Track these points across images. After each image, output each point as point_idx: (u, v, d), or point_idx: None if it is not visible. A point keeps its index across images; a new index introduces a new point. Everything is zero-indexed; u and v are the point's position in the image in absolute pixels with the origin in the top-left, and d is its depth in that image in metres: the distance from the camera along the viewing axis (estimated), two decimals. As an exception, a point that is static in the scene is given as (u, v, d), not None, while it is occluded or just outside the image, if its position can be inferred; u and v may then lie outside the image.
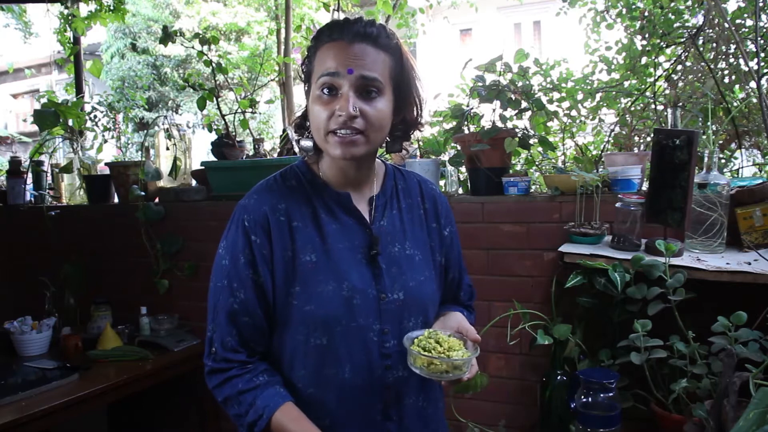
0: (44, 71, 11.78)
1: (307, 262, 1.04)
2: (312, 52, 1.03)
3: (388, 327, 1.06)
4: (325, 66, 0.98)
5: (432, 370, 0.98)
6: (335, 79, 0.97)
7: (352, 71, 0.97)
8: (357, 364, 1.03)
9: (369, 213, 1.11)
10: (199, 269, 2.53)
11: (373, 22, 1.02)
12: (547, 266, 1.90)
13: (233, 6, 9.45)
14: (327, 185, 1.10)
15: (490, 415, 1.96)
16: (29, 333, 2.25)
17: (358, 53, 0.98)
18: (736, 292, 1.40)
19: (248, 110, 2.68)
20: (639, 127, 2.49)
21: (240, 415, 1.02)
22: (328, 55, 0.99)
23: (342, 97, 0.97)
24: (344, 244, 1.06)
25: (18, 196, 2.96)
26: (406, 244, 1.12)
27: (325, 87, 0.98)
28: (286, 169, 1.14)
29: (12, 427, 1.67)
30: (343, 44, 0.98)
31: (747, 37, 2.26)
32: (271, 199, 1.07)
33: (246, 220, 1.06)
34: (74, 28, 3.43)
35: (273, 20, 4.83)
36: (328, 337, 1.02)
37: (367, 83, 0.98)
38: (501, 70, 2.12)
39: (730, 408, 1.18)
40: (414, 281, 1.10)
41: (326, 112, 0.98)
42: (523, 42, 10.60)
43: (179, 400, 2.61)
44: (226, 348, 1.04)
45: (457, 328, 1.09)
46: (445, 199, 1.24)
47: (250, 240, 1.04)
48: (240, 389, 1.02)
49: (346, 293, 1.03)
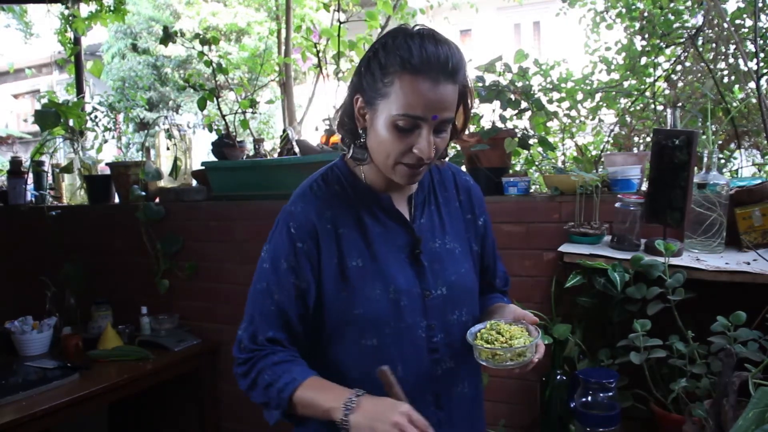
0: (45, 71, 11.79)
1: (354, 267, 1.06)
2: (388, 70, 0.96)
3: (434, 322, 1.09)
4: (408, 103, 0.95)
5: (497, 360, 1.00)
6: (418, 121, 0.97)
7: (437, 117, 0.97)
8: (408, 362, 1.06)
9: (409, 212, 1.14)
10: (200, 269, 2.53)
11: (457, 49, 0.99)
12: (547, 266, 1.90)
13: (233, 6, 9.45)
14: (370, 189, 1.11)
15: (490, 415, 1.95)
16: (30, 333, 2.25)
17: (442, 97, 0.96)
18: (736, 292, 1.40)
19: (248, 110, 2.68)
20: (638, 127, 2.49)
21: (271, 383, 1.03)
22: (413, 92, 0.95)
23: (422, 138, 0.97)
24: (388, 246, 1.09)
25: (19, 196, 2.97)
26: (445, 238, 1.15)
27: (406, 123, 0.97)
28: (326, 172, 1.14)
29: (13, 427, 1.67)
30: (428, 84, 0.94)
31: (746, 38, 2.26)
32: (318, 207, 1.08)
33: (292, 227, 1.07)
34: (75, 28, 3.44)
35: (273, 20, 4.83)
36: (378, 338, 1.05)
37: (444, 126, 1.00)
38: (501, 70, 2.12)
39: (729, 407, 1.18)
40: (456, 275, 1.12)
41: (401, 146, 0.98)
42: (523, 42, 10.61)
43: (179, 400, 2.61)
44: (257, 342, 1.07)
45: (514, 315, 1.10)
46: (478, 189, 1.26)
47: (295, 246, 1.06)
48: (275, 360, 1.05)
49: (393, 296, 1.05)
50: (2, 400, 1.77)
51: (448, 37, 1.03)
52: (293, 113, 3.27)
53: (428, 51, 0.95)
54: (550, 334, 1.65)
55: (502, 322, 1.07)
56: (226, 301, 2.47)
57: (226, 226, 2.46)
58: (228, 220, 2.46)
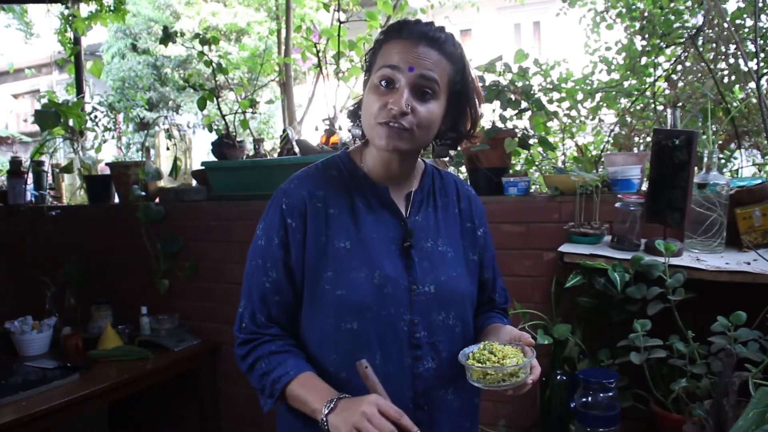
0: (45, 71, 11.80)
1: (341, 249, 1.07)
2: (378, 45, 1.07)
3: (418, 318, 1.08)
4: (387, 59, 1.02)
5: (489, 380, 0.97)
6: (394, 73, 1.00)
7: (413, 69, 1.00)
8: (387, 352, 1.06)
9: (405, 208, 1.14)
10: (200, 269, 2.53)
11: (443, 28, 1.05)
12: (547, 266, 1.90)
13: (233, 6, 9.46)
14: (367, 177, 1.12)
15: (490, 415, 1.96)
16: (30, 333, 2.25)
17: (422, 53, 1.01)
18: (736, 292, 1.40)
19: (248, 110, 2.68)
20: (639, 127, 2.49)
21: (266, 373, 1.06)
22: (393, 50, 1.02)
23: (397, 92, 1.00)
24: (378, 234, 1.09)
25: (19, 196, 2.97)
26: (439, 240, 1.14)
27: (384, 79, 1.01)
28: (328, 159, 1.17)
29: (13, 427, 1.67)
30: (408, 43, 1.01)
31: (746, 38, 2.26)
32: (310, 186, 1.10)
33: (284, 204, 1.09)
34: (75, 28, 3.44)
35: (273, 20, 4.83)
36: (358, 323, 1.05)
37: (423, 83, 1.01)
38: (501, 70, 2.12)
39: (729, 407, 1.18)
40: (446, 276, 1.11)
41: (379, 103, 1.01)
42: (523, 42, 10.61)
43: (179, 400, 2.61)
44: (257, 323, 1.10)
45: (510, 336, 1.08)
46: (479, 201, 1.26)
47: (286, 222, 1.08)
48: (272, 350, 1.08)
49: (378, 281, 1.05)
50: (2, 400, 1.77)
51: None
52: (293, 113, 3.27)
53: (413, 21, 1.04)
54: (550, 334, 1.64)
55: (495, 342, 1.04)
56: (226, 301, 2.46)
57: (226, 226, 2.46)
58: (228, 220, 2.46)
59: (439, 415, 1.11)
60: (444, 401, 1.11)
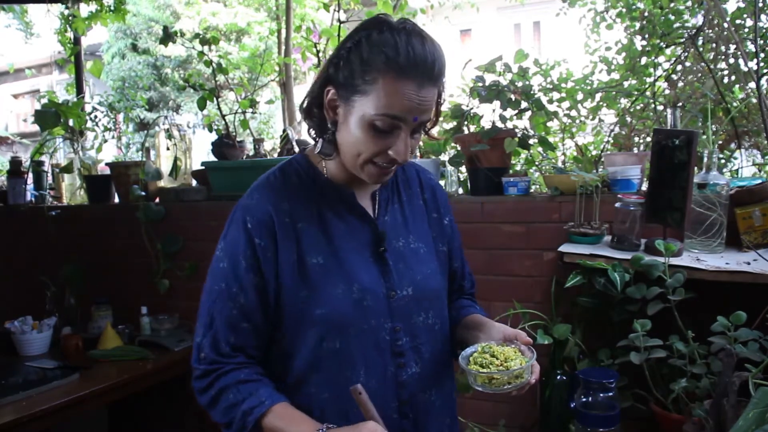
0: (45, 71, 11.80)
1: (315, 265, 1.01)
2: (370, 67, 0.91)
3: (400, 324, 1.05)
4: (390, 104, 0.91)
5: (495, 385, 0.96)
6: (397, 122, 0.93)
7: (417, 119, 0.94)
8: (371, 366, 1.02)
9: (372, 209, 1.10)
10: (200, 269, 2.53)
11: (441, 56, 0.95)
12: (547, 266, 1.90)
13: (233, 6, 9.45)
14: (330, 182, 1.07)
15: (490, 415, 1.96)
16: (30, 333, 2.25)
17: (424, 99, 0.93)
18: (736, 292, 1.40)
19: (248, 110, 2.68)
20: (639, 127, 2.49)
21: (235, 404, 0.97)
22: (396, 93, 0.91)
23: (399, 139, 0.95)
24: (351, 243, 1.05)
25: (19, 196, 2.97)
26: (409, 237, 1.11)
27: (385, 125, 0.93)
28: (284, 164, 1.10)
29: (13, 427, 1.67)
30: (413, 87, 0.91)
31: (746, 38, 2.26)
32: (274, 199, 1.03)
33: (249, 222, 1.02)
34: (75, 28, 3.44)
35: (273, 20, 4.83)
36: (341, 340, 1.00)
37: (422, 124, 0.97)
38: (501, 70, 2.12)
39: (729, 407, 1.18)
40: (421, 275, 1.09)
41: (376, 147, 0.95)
42: (523, 42, 10.61)
43: (179, 400, 2.61)
44: (220, 352, 1.01)
45: (503, 335, 1.05)
46: (442, 188, 1.24)
47: (254, 242, 1.00)
48: (241, 379, 0.99)
49: (356, 295, 1.01)
50: (2, 400, 1.76)
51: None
52: (293, 113, 3.27)
53: (416, 51, 0.91)
54: (550, 334, 1.64)
55: (493, 343, 1.03)
56: (226, 301, 2.46)
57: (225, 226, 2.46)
58: (227, 220, 2.45)
59: (423, 420, 1.08)
60: (428, 403, 1.09)
